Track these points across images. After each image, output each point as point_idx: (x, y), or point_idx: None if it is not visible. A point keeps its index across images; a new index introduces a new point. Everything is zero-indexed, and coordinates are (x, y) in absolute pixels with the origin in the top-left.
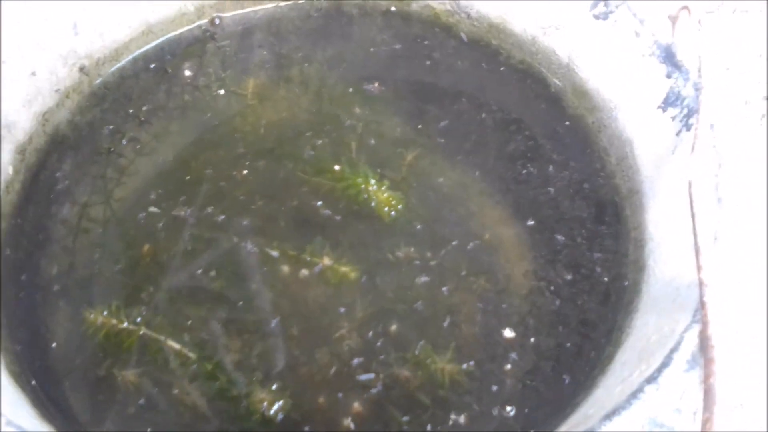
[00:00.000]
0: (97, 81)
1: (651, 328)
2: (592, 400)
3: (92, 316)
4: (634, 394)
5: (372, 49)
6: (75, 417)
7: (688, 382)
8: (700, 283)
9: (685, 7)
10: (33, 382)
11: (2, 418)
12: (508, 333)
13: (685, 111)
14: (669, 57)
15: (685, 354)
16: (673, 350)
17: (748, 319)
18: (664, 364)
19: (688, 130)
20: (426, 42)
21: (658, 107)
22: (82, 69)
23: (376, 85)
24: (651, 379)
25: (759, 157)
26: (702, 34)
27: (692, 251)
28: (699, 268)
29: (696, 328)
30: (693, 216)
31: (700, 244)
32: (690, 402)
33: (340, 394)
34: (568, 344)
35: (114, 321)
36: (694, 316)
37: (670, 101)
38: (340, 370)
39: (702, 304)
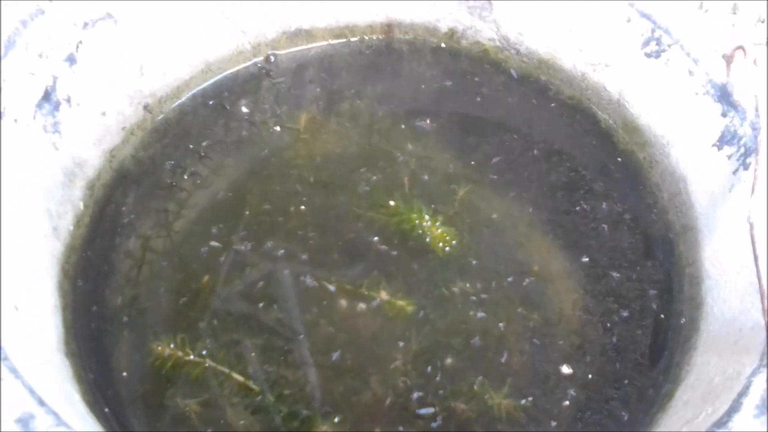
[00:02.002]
0: (159, 117)
1: (713, 369)
2: None
3: (159, 348)
4: None
5: (422, 86)
6: None
7: (758, 428)
8: None
9: (740, 47)
10: (106, 410)
11: None
12: (566, 369)
13: (742, 150)
14: (724, 96)
15: (754, 399)
16: (741, 395)
17: None
18: (733, 409)
19: (746, 169)
20: (476, 78)
21: (713, 145)
22: (146, 107)
23: (428, 121)
24: (720, 424)
25: None
26: (758, 73)
27: (754, 292)
28: (765, 312)
29: (764, 373)
30: (756, 258)
31: (765, 288)
32: None
33: (400, 428)
34: (626, 381)
35: (180, 353)
36: (762, 360)
37: (725, 140)
38: (400, 404)
39: None
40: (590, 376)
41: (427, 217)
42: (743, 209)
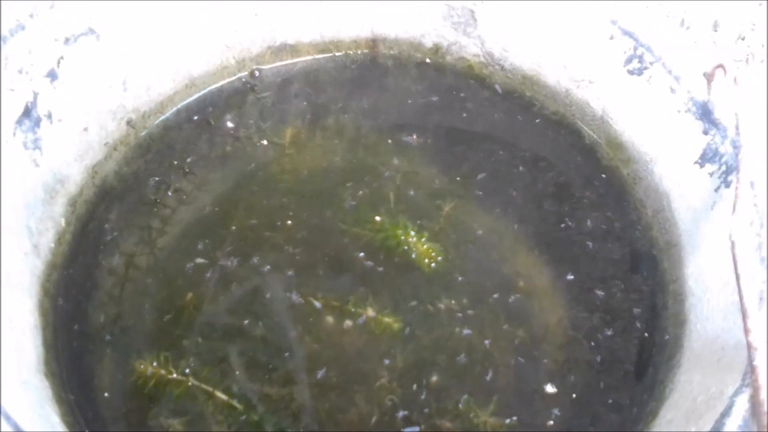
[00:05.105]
0: (143, 133)
1: (696, 387)
2: None
3: (142, 366)
4: None
5: (408, 101)
6: None
7: None
8: (749, 346)
9: (721, 66)
10: (87, 431)
11: None
12: (550, 388)
13: (724, 168)
14: (705, 114)
15: (737, 419)
16: (724, 415)
17: None
18: (716, 430)
19: (727, 187)
20: (461, 93)
21: (695, 162)
22: (129, 122)
23: (414, 136)
24: None
25: None
26: (738, 92)
27: (737, 310)
28: (747, 330)
29: (747, 393)
30: (738, 277)
31: (747, 306)
32: None
33: None
34: (610, 400)
35: (163, 371)
36: (744, 379)
37: (707, 157)
38: (385, 422)
39: (752, 368)
40: (574, 395)
41: (412, 232)
42: (725, 227)
